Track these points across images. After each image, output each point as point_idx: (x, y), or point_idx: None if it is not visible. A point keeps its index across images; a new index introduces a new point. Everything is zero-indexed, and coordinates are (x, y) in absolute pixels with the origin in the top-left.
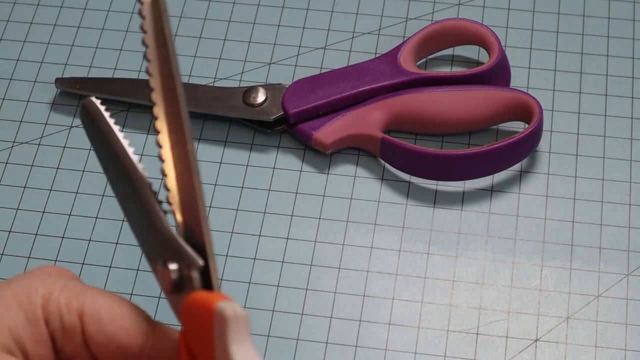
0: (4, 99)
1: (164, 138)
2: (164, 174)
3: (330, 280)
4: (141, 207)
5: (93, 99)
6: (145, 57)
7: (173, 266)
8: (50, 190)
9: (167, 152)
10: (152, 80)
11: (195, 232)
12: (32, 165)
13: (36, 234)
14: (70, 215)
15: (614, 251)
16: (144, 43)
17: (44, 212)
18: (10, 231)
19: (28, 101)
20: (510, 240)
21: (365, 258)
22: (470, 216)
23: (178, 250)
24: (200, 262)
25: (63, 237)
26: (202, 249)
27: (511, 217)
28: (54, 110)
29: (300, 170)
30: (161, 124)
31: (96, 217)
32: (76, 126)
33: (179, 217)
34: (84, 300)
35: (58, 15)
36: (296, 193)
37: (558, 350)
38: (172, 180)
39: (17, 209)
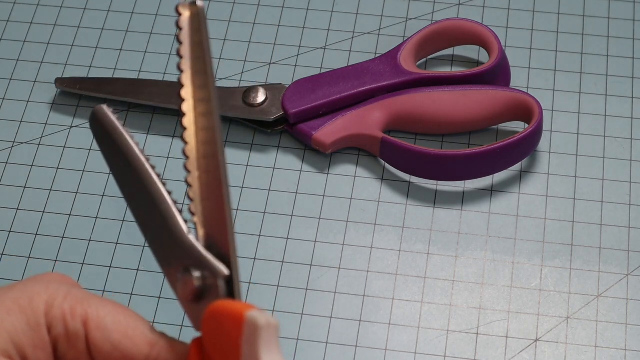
0: (4, 99)
1: (192, 149)
2: (188, 184)
3: (330, 280)
4: (160, 215)
5: (104, 106)
6: (178, 68)
7: (197, 274)
8: (50, 190)
9: (193, 163)
10: (184, 91)
11: (218, 241)
12: (32, 165)
13: (36, 234)
14: (70, 215)
15: (614, 251)
16: (178, 54)
17: (44, 212)
18: (10, 231)
19: (28, 101)
20: (510, 240)
21: (365, 258)
22: (470, 216)
23: (201, 259)
24: (226, 271)
25: (63, 237)
26: (225, 258)
27: (511, 217)
28: (54, 110)
29: (300, 170)
30: (189, 136)
31: (96, 217)
32: (76, 126)
33: (200, 227)
34: (88, 307)
35: (58, 15)
36: (296, 193)
37: (558, 350)
38: (196, 191)
39: (17, 209)
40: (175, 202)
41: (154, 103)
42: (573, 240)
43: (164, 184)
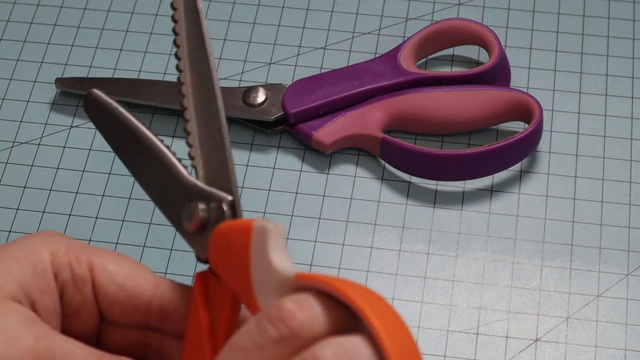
0: (4, 99)
1: (188, 96)
2: (187, 132)
3: None
4: (162, 166)
5: (96, 90)
6: (176, 56)
7: (202, 205)
8: (50, 190)
9: (190, 111)
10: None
11: (219, 176)
12: (32, 165)
13: None
14: (70, 215)
15: (614, 251)
16: (175, 43)
17: (44, 212)
18: (10, 231)
19: (28, 101)
20: (510, 240)
21: (365, 258)
22: (470, 216)
23: (204, 192)
24: (229, 196)
25: None
26: (227, 190)
27: (511, 217)
28: (54, 110)
29: (300, 170)
30: (186, 88)
31: (96, 217)
32: (76, 126)
33: (200, 168)
34: (92, 254)
35: (58, 15)
36: (296, 193)
37: (558, 350)
38: (194, 136)
39: (17, 209)
40: (174, 154)
41: (154, 103)
42: (573, 240)
43: (161, 141)
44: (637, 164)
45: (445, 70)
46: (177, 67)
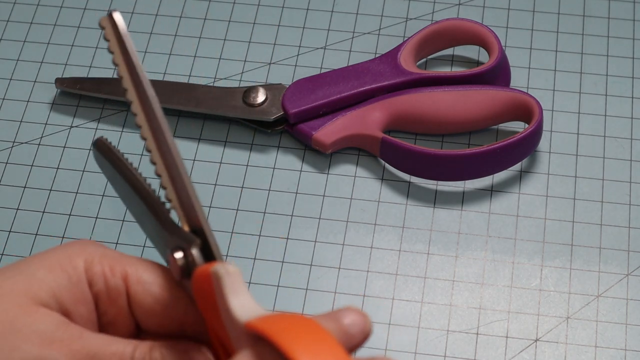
0: (4, 99)
1: (151, 143)
2: (158, 175)
3: (330, 280)
4: (149, 212)
5: (103, 137)
6: (118, 75)
7: (178, 254)
8: (50, 190)
9: (155, 154)
10: (129, 94)
11: (192, 215)
12: (32, 165)
13: (36, 234)
14: (70, 215)
15: (614, 251)
16: (113, 62)
17: (44, 212)
18: (10, 231)
19: (28, 101)
20: (510, 240)
21: (365, 258)
22: (470, 216)
23: (179, 235)
24: (197, 240)
25: (63, 237)
26: (200, 229)
27: (511, 217)
28: (54, 110)
29: (300, 170)
30: (145, 131)
31: (96, 217)
32: (76, 126)
33: (179, 210)
34: (127, 264)
35: (58, 15)
36: (296, 193)
37: (558, 350)
38: (165, 179)
39: (17, 209)
40: (159, 198)
41: None
42: (573, 240)
43: (149, 185)
44: (637, 164)
45: (445, 70)
46: (126, 98)
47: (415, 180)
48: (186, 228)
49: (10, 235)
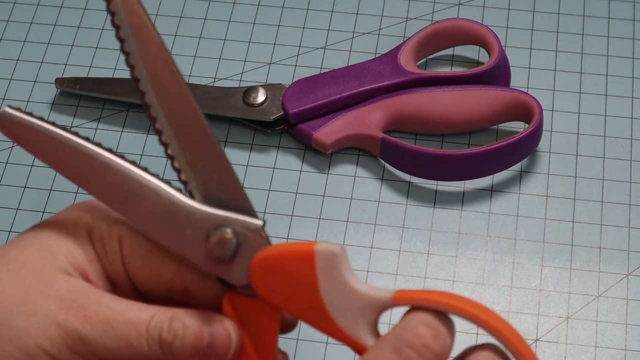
0: (4, 99)
1: (161, 117)
2: (170, 157)
3: None
4: (158, 201)
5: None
6: (123, 51)
7: (229, 231)
8: (50, 190)
9: (168, 133)
10: (137, 71)
11: (226, 196)
12: (32, 165)
13: None
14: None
15: (614, 251)
16: (118, 37)
17: (44, 212)
18: (10, 231)
19: (28, 101)
20: (510, 240)
21: (365, 258)
22: (470, 216)
23: (223, 220)
24: (261, 221)
25: None
26: (243, 210)
27: (511, 217)
28: (54, 110)
29: (300, 170)
30: (156, 111)
31: None
32: (76, 126)
33: (197, 191)
34: (123, 227)
35: (58, 15)
36: (296, 193)
37: (558, 350)
38: (182, 159)
39: (17, 209)
40: (168, 182)
41: None
42: (573, 240)
43: (144, 169)
44: (637, 164)
45: (445, 70)
46: (140, 91)
47: (415, 180)
48: (216, 209)
49: (10, 235)
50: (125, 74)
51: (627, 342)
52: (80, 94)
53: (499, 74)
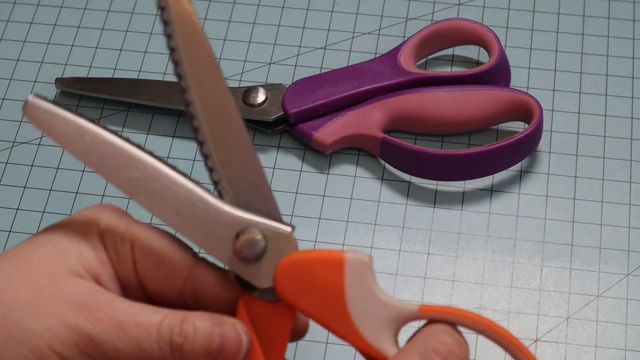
0: (4, 99)
1: (200, 117)
2: (205, 156)
3: None
4: (187, 199)
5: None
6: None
7: (259, 235)
8: (50, 190)
9: (205, 131)
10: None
11: (254, 202)
12: (32, 165)
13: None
14: (70, 215)
15: (614, 251)
16: (166, 34)
17: (44, 212)
18: (10, 231)
19: None
20: (510, 240)
21: None
22: (470, 216)
23: (253, 223)
24: (289, 227)
25: None
26: (271, 214)
27: (511, 217)
28: None
29: (300, 170)
30: (195, 108)
31: None
32: None
33: (227, 193)
34: (137, 231)
35: (58, 15)
36: (296, 193)
37: (558, 350)
38: (215, 159)
39: (17, 209)
40: (199, 183)
41: (154, 103)
42: (573, 240)
43: (181, 173)
44: (637, 164)
45: (445, 70)
46: (182, 88)
47: (415, 180)
48: (246, 212)
49: (10, 235)
50: (125, 74)
51: (627, 342)
52: (80, 94)
53: (499, 74)
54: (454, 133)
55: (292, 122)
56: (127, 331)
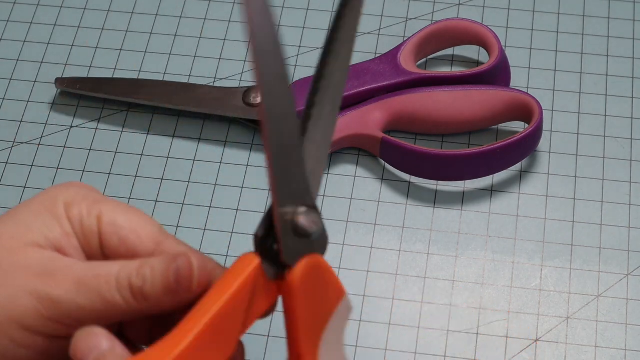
0: (4, 99)
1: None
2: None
3: None
4: (297, 155)
5: None
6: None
7: (323, 222)
8: None
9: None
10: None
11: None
12: (32, 165)
13: None
14: None
15: (614, 251)
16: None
17: None
18: None
19: (28, 101)
20: (510, 240)
21: (365, 258)
22: (470, 216)
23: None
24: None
25: None
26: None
27: (511, 217)
28: (54, 110)
29: None
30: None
31: None
32: (76, 126)
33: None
34: (104, 206)
35: (58, 15)
36: None
37: (558, 350)
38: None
39: None
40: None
41: (154, 103)
42: (573, 240)
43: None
44: (637, 164)
45: (445, 70)
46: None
47: (415, 180)
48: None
49: None
50: (125, 74)
51: (627, 342)
52: (80, 94)
53: (499, 74)
54: (454, 133)
55: None
56: (87, 285)
